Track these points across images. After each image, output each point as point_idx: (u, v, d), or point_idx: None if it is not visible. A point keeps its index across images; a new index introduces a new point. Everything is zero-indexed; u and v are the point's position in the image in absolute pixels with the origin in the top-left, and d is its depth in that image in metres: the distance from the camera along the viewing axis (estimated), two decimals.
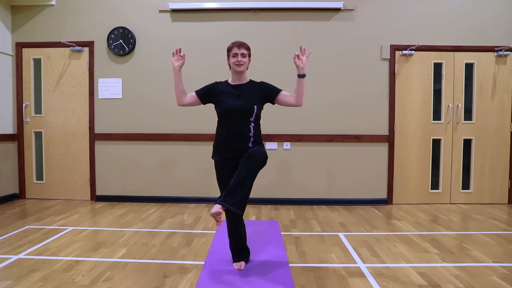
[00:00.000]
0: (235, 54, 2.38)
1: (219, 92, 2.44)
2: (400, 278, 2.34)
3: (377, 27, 4.45)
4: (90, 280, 2.28)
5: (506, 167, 4.50)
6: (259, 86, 2.48)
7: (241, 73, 2.43)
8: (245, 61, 2.41)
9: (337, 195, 4.50)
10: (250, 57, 2.46)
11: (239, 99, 2.39)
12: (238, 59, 2.38)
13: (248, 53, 2.43)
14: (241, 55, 2.38)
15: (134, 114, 4.56)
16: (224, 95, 2.42)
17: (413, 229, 3.46)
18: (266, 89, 2.47)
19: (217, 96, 2.44)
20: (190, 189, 4.54)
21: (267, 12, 4.47)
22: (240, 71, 2.41)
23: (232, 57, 2.40)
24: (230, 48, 2.42)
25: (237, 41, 2.42)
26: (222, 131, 2.44)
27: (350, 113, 4.47)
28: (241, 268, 2.43)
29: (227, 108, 2.38)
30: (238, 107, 2.37)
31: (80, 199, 4.65)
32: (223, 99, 2.41)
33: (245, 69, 2.44)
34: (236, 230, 2.44)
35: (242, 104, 2.37)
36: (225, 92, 2.43)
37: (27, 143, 4.66)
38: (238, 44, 2.40)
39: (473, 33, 4.43)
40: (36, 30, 4.59)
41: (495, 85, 4.47)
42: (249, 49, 2.45)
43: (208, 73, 4.49)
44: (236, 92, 2.42)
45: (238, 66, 2.39)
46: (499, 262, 2.60)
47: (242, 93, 2.41)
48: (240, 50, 2.38)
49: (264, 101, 2.49)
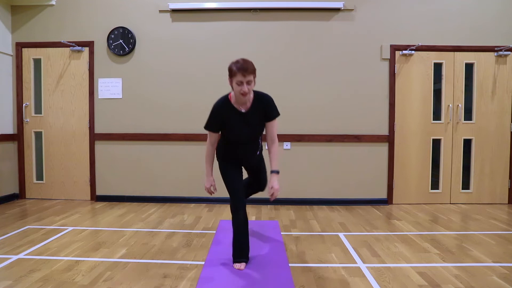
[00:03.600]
0: (240, 82, 2.15)
1: (226, 119, 2.32)
2: (400, 278, 2.34)
3: (377, 27, 4.45)
4: (90, 280, 2.28)
5: (506, 167, 4.51)
6: (262, 106, 2.35)
7: (246, 98, 2.27)
8: (251, 88, 2.20)
9: (337, 195, 4.50)
10: (255, 77, 2.23)
11: (247, 126, 2.33)
12: (244, 89, 2.15)
13: (254, 78, 2.21)
14: (246, 83, 2.16)
15: (134, 114, 4.56)
16: (232, 122, 2.31)
17: (413, 229, 3.46)
18: (267, 111, 2.37)
19: (225, 123, 2.34)
20: (190, 189, 4.54)
21: (267, 12, 4.47)
22: (245, 99, 2.26)
23: (237, 84, 2.17)
24: (234, 73, 2.16)
25: (241, 65, 2.14)
26: (230, 148, 2.47)
27: (350, 113, 4.47)
28: (241, 268, 2.43)
29: (237, 138, 2.38)
30: (247, 135, 2.37)
31: (80, 199, 4.65)
32: (231, 127, 2.33)
33: (250, 94, 2.26)
34: (242, 233, 2.49)
35: (250, 132, 2.36)
36: (231, 118, 2.31)
37: (27, 143, 4.66)
38: (243, 70, 2.12)
39: (473, 33, 4.43)
40: (36, 30, 4.59)
41: (495, 85, 4.47)
42: (255, 71, 2.20)
43: (208, 73, 4.51)
44: (243, 118, 2.32)
45: (244, 96, 2.20)
46: (499, 262, 2.60)
47: (249, 119, 2.32)
48: (245, 78, 2.14)
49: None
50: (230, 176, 2.50)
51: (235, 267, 2.45)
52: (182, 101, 4.52)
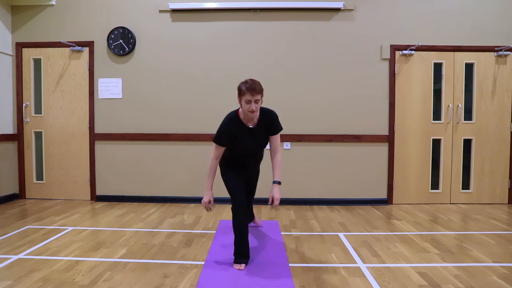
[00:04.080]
0: (249, 101, 2.31)
1: (236, 134, 2.48)
2: (400, 278, 2.34)
3: (377, 27, 4.45)
4: (90, 280, 2.28)
5: (506, 167, 4.51)
6: (268, 122, 2.52)
7: (254, 116, 2.42)
8: (258, 106, 2.36)
9: (337, 195, 4.50)
10: (262, 97, 2.39)
11: (254, 140, 2.53)
12: (252, 107, 2.32)
13: (261, 97, 2.35)
14: (254, 102, 2.32)
15: (134, 114, 4.56)
16: (241, 136, 2.48)
17: (413, 229, 3.46)
18: (272, 126, 2.56)
19: (235, 138, 2.50)
20: (191, 189, 4.54)
21: (267, 12, 4.47)
22: (253, 116, 2.40)
23: (245, 103, 2.33)
24: (243, 93, 2.32)
25: (250, 85, 2.31)
26: (235, 159, 2.61)
27: (350, 113, 4.47)
28: (241, 269, 2.43)
29: (244, 151, 2.55)
30: (254, 148, 2.55)
31: (80, 199, 4.65)
32: (240, 142, 2.50)
33: (257, 111, 2.41)
34: (242, 234, 2.52)
35: (256, 145, 2.56)
36: (240, 133, 2.48)
37: (27, 143, 4.66)
38: (252, 90, 2.29)
39: (473, 33, 4.43)
40: (36, 30, 4.59)
41: (495, 85, 4.47)
42: (262, 91, 2.36)
43: (208, 73, 4.51)
44: (250, 133, 2.51)
45: (251, 113, 2.36)
46: (499, 262, 2.60)
47: (255, 134, 2.51)
48: (254, 97, 2.30)
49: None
50: (231, 178, 2.59)
51: (235, 267, 2.45)
52: (182, 101, 4.52)
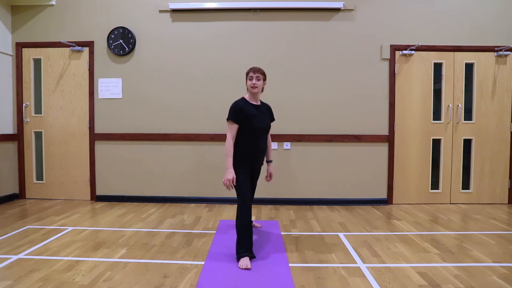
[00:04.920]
0: (251, 77, 2.74)
1: (247, 113, 2.71)
2: (400, 278, 2.34)
3: (377, 27, 4.45)
4: (90, 280, 2.28)
5: (506, 167, 4.51)
6: (267, 108, 2.98)
7: (256, 94, 2.79)
8: (259, 84, 2.76)
9: (337, 195, 4.50)
10: (265, 80, 2.80)
11: (262, 118, 2.81)
12: (253, 82, 2.74)
13: (262, 77, 2.77)
14: (255, 78, 2.74)
15: (134, 114, 4.56)
16: (251, 112, 2.72)
17: (413, 229, 3.46)
18: (270, 113, 3.01)
19: (247, 116, 2.70)
20: (190, 189, 4.54)
21: (267, 12, 4.47)
22: (255, 92, 2.77)
23: (249, 79, 2.76)
24: (247, 72, 2.78)
25: (254, 67, 2.80)
26: (249, 146, 2.73)
27: (350, 113, 4.47)
28: (249, 267, 2.44)
29: (258, 125, 2.73)
30: (263, 125, 2.80)
31: (80, 199, 4.65)
32: (251, 117, 2.71)
33: (259, 90, 2.78)
34: (250, 224, 2.60)
35: (265, 122, 2.84)
36: (250, 110, 2.74)
37: (27, 143, 4.66)
38: (254, 70, 2.77)
39: (473, 33, 4.43)
40: (36, 30, 4.59)
41: (495, 85, 4.47)
42: (264, 74, 2.79)
43: (208, 73, 4.51)
44: (258, 112, 2.78)
45: (253, 88, 2.75)
46: (499, 262, 2.61)
47: (261, 113, 2.82)
48: (255, 74, 2.75)
49: None
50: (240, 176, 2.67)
51: (241, 267, 2.45)
52: (182, 101, 4.52)
